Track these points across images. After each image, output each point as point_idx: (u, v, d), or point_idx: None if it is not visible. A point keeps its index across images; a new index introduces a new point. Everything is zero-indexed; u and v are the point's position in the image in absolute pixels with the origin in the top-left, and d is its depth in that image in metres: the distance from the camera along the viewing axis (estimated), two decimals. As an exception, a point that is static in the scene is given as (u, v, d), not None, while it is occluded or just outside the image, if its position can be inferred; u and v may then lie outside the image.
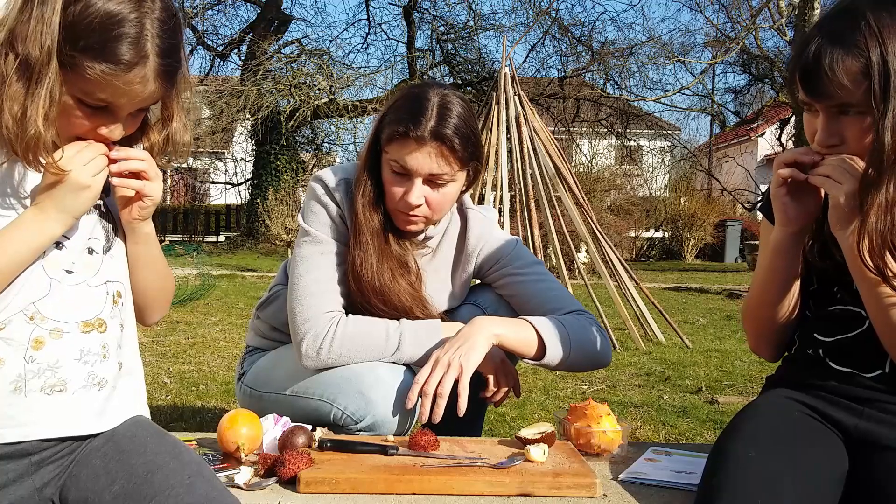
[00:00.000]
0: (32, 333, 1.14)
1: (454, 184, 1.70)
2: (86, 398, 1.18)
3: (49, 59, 1.05)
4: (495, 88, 6.00)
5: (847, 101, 1.22)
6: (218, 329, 5.59)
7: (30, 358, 1.13)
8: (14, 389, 1.12)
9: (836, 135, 1.26)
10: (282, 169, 16.33)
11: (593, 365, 1.79)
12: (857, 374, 1.32)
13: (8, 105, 1.06)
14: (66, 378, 1.16)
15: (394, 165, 1.66)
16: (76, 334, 1.18)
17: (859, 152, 1.25)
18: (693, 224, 16.45)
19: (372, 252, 1.68)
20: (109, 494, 1.13)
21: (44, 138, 1.08)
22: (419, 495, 1.30)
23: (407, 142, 1.62)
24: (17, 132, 1.07)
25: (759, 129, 22.21)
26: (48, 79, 1.05)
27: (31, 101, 1.06)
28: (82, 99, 1.10)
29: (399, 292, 1.71)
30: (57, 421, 1.15)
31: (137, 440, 1.21)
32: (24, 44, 1.05)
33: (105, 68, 1.06)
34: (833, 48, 1.20)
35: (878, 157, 1.19)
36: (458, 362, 1.58)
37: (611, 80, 16.98)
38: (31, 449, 1.14)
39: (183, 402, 3.37)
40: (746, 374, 4.38)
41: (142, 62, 1.08)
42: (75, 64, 1.06)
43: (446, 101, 1.65)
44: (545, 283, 1.86)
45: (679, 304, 8.22)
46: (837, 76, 1.20)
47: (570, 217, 5.72)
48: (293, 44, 17.19)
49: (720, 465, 1.21)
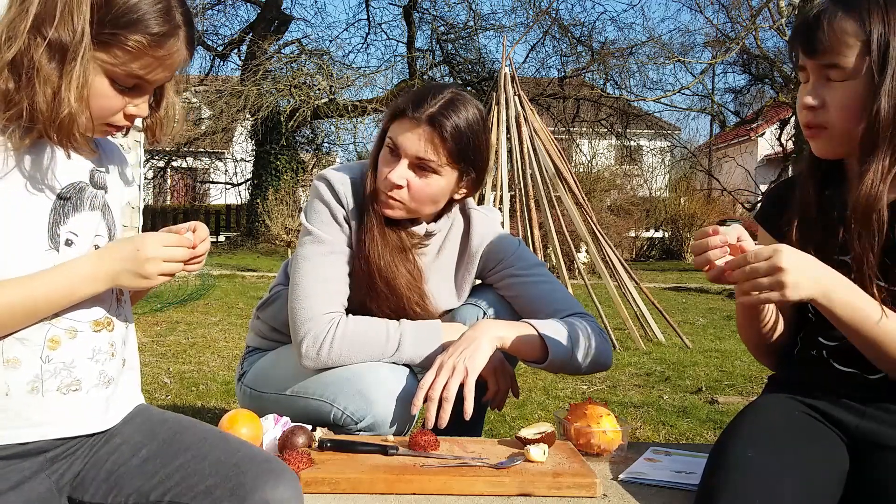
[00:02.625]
0: (48, 333, 1.14)
1: (439, 177, 1.68)
2: (97, 396, 1.20)
3: (81, 39, 1.07)
4: (495, 88, 6.01)
5: (837, 61, 1.25)
6: (218, 329, 5.59)
7: (46, 358, 1.13)
8: (31, 390, 1.12)
9: (819, 97, 1.29)
10: (282, 169, 16.33)
11: (594, 368, 1.79)
12: (859, 375, 1.32)
13: (41, 88, 1.07)
14: (81, 377, 1.17)
15: (388, 142, 1.68)
16: (89, 333, 1.19)
17: (836, 121, 1.28)
18: (693, 224, 16.43)
19: (377, 233, 1.70)
20: (137, 459, 1.16)
21: (78, 119, 1.09)
22: (419, 495, 1.30)
23: (404, 120, 1.65)
24: (50, 114, 1.08)
25: (759, 129, 22.19)
26: (81, 59, 1.07)
27: (64, 82, 1.07)
28: (114, 78, 1.13)
29: (400, 276, 1.72)
30: (72, 420, 1.17)
31: (155, 413, 1.25)
32: (52, 27, 1.07)
33: (143, 40, 1.10)
34: (836, 8, 1.25)
35: (873, 125, 1.22)
36: (463, 366, 1.58)
37: (611, 80, 17.00)
38: (47, 447, 1.15)
39: (183, 402, 3.37)
40: (746, 374, 4.38)
41: (175, 32, 1.14)
42: (112, 41, 1.10)
43: (458, 99, 1.67)
44: (547, 284, 1.86)
45: (679, 304, 8.22)
46: (834, 31, 1.25)
47: (570, 217, 5.72)
48: (293, 44, 17.20)
49: (720, 464, 1.21)
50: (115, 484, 1.16)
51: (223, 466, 1.11)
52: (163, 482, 1.13)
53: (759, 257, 1.19)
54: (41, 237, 1.14)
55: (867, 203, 1.24)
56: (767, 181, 20.46)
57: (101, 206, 1.24)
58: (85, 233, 1.20)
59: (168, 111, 1.25)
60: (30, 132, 1.12)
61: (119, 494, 1.16)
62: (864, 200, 1.24)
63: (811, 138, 1.35)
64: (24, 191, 1.13)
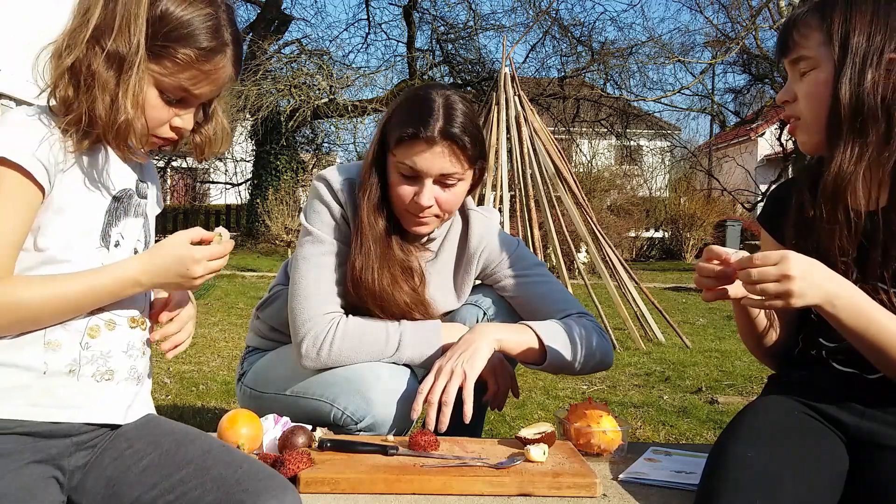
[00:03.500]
0: (89, 322, 1.20)
1: (463, 182, 1.70)
2: (126, 390, 1.25)
3: (137, 50, 1.15)
4: (495, 88, 6.00)
5: (802, 53, 1.31)
6: (218, 329, 5.59)
7: (85, 345, 1.19)
8: (69, 372, 1.17)
9: (790, 92, 1.36)
10: (282, 169, 16.32)
11: (594, 368, 1.79)
12: (859, 375, 1.32)
13: (100, 95, 1.14)
14: (115, 368, 1.23)
15: (402, 168, 1.65)
16: (125, 328, 1.25)
17: (805, 110, 1.33)
18: (693, 224, 16.42)
19: (374, 257, 1.67)
20: (138, 468, 1.18)
21: (134, 125, 1.17)
22: (419, 495, 1.30)
23: (416, 143, 1.61)
24: (108, 120, 1.15)
25: (759, 129, 22.18)
26: (137, 68, 1.15)
27: (121, 90, 1.15)
28: (163, 90, 1.20)
29: (398, 299, 1.70)
30: (101, 407, 1.21)
31: (163, 423, 1.28)
32: (111, 38, 1.14)
33: (192, 53, 1.18)
34: (805, 10, 1.33)
35: (836, 111, 1.27)
36: (462, 369, 1.58)
37: (611, 80, 16.96)
38: (73, 430, 1.18)
39: (183, 402, 3.37)
40: (746, 374, 4.38)
41: (223, 49, 1.21)
42: (164, 53, 1.17)
43: (451, 101, 1.65)
44: (547, 284, 1.86)
45: (679, 304, 8.22)
46: (799, 28, 1.32)
47: (570, 217, 5.72)
48: (293, 44, 17.18)
49: (720, 464, 1.21)
50: (114, 491, 1.17)
51: (225, 482, 1.13)
52: (162, 495, 1.14)
53: (766, 261, 1.19)
54: (95, 235, 1.21)
55: (835, 188, 1.26)
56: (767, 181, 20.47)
57: (143, 213, 1.31)
58: (129, 237, 1.27)
59: (216, 131, 1.32)
60: (87, 136, 1.18)
61: (117, 502, 1.16)
62: (831, 185, 1.27)
63: (791, 132, 1.39)
64: (84, 187, 1.20)
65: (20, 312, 1.12)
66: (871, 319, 1.22)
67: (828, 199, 1.28)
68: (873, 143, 1.27)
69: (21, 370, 1.14)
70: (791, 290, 1.18)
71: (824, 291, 1.20)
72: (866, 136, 1.26)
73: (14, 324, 1.13)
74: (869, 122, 1.26)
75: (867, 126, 1.26)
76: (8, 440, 1.11)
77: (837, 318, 1.23)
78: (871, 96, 1.25)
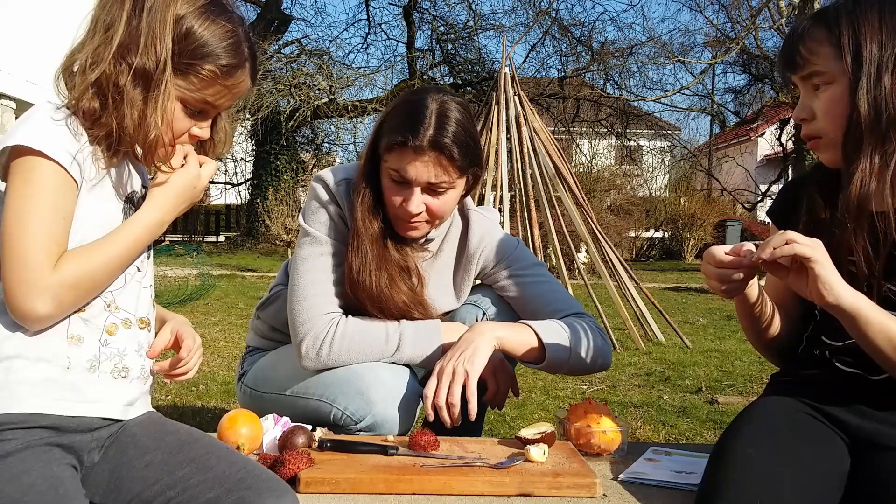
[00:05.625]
0: (108, 320, 1.24)
1: (454, 190, 1.69)
2: (137, 389, 1.28)
3: (164, 68, 1.19)
4: (495, 88, 6.00)
5: (815, 69, 1.29)
6: (218, 329, 5.59)
7: (104, 341, 1.23)
8: (90, 367, 1.20)
9: (807, 109, 1.33)
10: (282, 169, 16.32)
11: (594, 368, 1.79)
12: (862, 376, 1.32)
13: (129, 111, 1.19)
14: (129, 366, 1.26)
15: (392, 174, 1.65)
16: (136, 328, 1.29)
17: (826, 127, 1.31)
18: (693, 224, 16.44)
19: (370, 259, 1.67)
20: (140, 463, 1.19)
21: (162, 139, 1.22)
22: (419, 495, 1.30)
23: (405, 151, 1.61)
24: (137, 134, 1.20)
25: (759, 129, 22.20)
26: (164, 85, 1.19)
27: (149, 107, 1.19)
28: (186, 104, 1.25)
29: (396, 299, 1.70)
30: (117, 403, 1.24)
31: (167, 423, 1.30)
32: (137, 55, 1.18)
33: (216, 70, 1.23)
34: (808, 22, 1.30)
35: (855, 124, 1.25)
36: (463, 368, 1.58)
37: (611, 80, 16.99)
38: (94, 425, 1.20)
39: (183, 402, 3.37)
40: (746, 374, 4.38)
41: (243, 64, 1.27)
42: (189, 70, 1.22)
43: (444, 108, 1.63)
44: (546, 284, 1.86)
45: (679, 304, 8.22)
46: (806, 43, 1.29)
47: (570, 217, 5.72)
48: (293, 44, 17.20)
49: (721, 464, 1.21)
50: (116, 486, 1.19)
51: (227, 480, 1.14)
52: (163, 492, 1.15)
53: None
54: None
55: (860, 203, 1.25)
56: (767, 181, 20.47)
57: None
58: None
59: (220, 134, 1.37)
60: (116, 153, 1.23)
61: (118, 497, 1.18)
62: (855, 201, 1.25)
63: (813, 150, 1.37)
64: (108, 198, 1.25)
65: (94, 281, 1.18)
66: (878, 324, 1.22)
67: (853, 215, 1.26)
68: (894, 149, 1.25)
69: (48, 364, 1.16)
70: (814, 257, 1.19)
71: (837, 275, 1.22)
72: (888, 143, 1.25)
73: (90, 291, 1.19)
74: (890, 130, 1.25)
75: (889, 133, 1.25)
76: (35, 433, 1.13)
77: (850, 318, 1.22)
78: (890, 103, 1.24)
